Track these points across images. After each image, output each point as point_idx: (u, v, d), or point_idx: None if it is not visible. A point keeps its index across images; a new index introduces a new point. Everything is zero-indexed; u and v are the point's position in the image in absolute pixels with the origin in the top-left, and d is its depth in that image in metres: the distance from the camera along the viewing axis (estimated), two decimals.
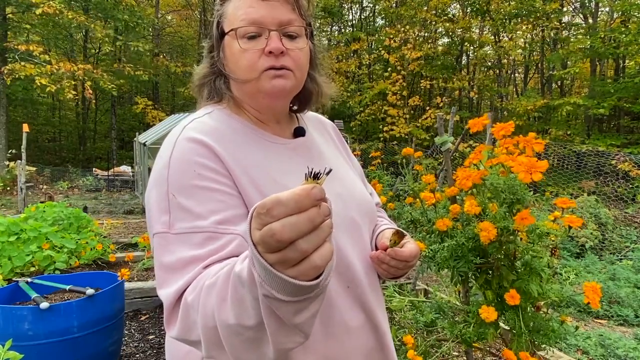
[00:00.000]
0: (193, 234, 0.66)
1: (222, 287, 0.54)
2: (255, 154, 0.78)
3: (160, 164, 0.73)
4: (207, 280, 0.58)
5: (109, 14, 15.68)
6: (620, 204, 8.29)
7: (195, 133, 0.75)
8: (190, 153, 0.72)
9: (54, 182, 13.59)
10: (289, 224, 0.41)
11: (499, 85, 17.15)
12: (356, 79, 19.52)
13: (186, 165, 0.71)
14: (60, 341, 2.22)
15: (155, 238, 0.69)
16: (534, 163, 1.03)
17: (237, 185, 0.73)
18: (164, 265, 0.66)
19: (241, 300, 0.51)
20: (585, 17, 16.20)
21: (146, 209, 0.74)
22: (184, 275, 0.63)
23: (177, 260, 0.65)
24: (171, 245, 0.66)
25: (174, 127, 0.80)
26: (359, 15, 21.09)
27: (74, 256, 3.91)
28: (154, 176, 0.73)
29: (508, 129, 1.16)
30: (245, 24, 0.76)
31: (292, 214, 0.42)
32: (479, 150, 1.28)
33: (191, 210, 0.67)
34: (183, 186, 0.69)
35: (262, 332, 0.51)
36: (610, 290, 4.27)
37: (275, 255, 0.43)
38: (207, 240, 0.65)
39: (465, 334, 1.43)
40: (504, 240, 1.34)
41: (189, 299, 0.60)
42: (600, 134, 14.18)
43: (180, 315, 0.62)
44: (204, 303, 0.57)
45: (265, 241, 0.42)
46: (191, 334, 0.61)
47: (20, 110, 20.16)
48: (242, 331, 0.52)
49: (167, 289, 0.64)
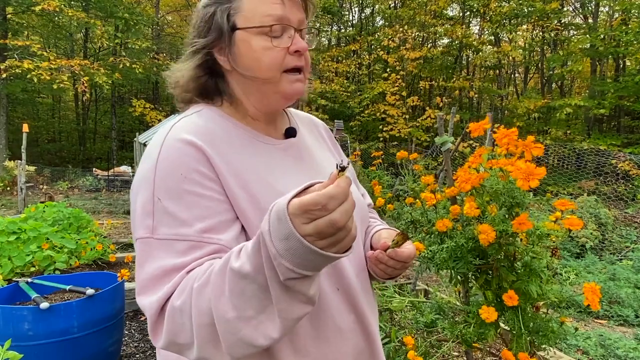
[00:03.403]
0: (177, 241, 0.65)
1: (218, 284, 0.57)
2: (247, 156, 0.76)
3: (147, 164, 0.70)
4: (195, 282, 0.60)
5: (108, 12, 15.69)
6: (620, 204, 8.29)
7: (185, 133, 0.72)
8: (178, 155, 0.69)
9: (54, 182, 13.59)
10: (344, 212, 0.50)
11: (499, 86, 17.15)
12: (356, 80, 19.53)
13: (174, 167, 0.68)
14: (60, 341, 2.22)
15: (138, 243, 0.67)
16: (532, 170, 1.02)
17: (226, 189, 0.71)
18: (146, 272, 0.65)
19: (241, 293, 0.56)
20: (585, 17, 16.20)
21: (131, 211, 0.72)
22: (168, 282, 0.63)
23: (159, 268, 0.64)
24: (154, 250, 0.65)
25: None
26: (359, 15, 21.10)
27: (74, 256, 3.90)
28: (140, 177, 0.71)
29: (512, 136, 1.15)
30: (272, 21, 0.74)
31: (343, 203, 0.50)
32: (479, 154, 1.28)
33: (176, 215, 0.66)
34: (169, 189, 0.67)
35: (260, 318, 0.57)
36: (611, 290, 4.27)
37: (327, 240, 0.51)
38: (190, 249, 0.65)
39: (465, 334, 1.43)
40: (503, 243, 1.34)
41: (177, 303, 0.60)
42: (601, 133, 14.19)
43: (167, 321, 0.61)
44: (197, 304, 0.58)
45: (323, 231, 0.50)
46: (179, 338, 0.61)
47: (20, 111, 20.17)
48: (241, 322, 0.57)
49: (150, 297, 0.63)
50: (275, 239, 0.52)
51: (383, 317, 2.09)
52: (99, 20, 15.33)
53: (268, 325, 0.57)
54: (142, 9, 18.33)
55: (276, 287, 0.55)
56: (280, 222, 0.51)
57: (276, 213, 0.52)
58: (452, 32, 15.99)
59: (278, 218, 0.52)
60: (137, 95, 22.52)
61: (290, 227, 0.51)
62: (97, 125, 23.12)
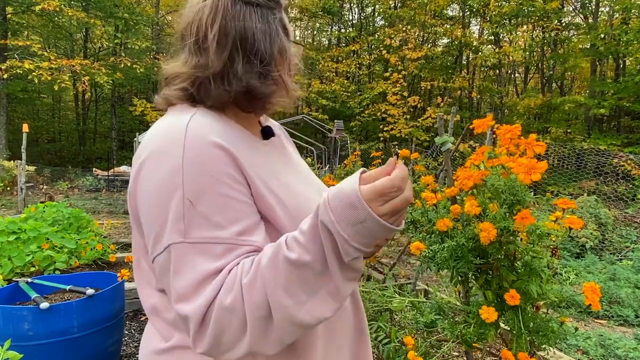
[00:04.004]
0: (213, 244, 0.64)
1: (271, 276, 0.61)
2: (257, 156, 0.76)
3: (168, 165, 0.66)
4: (243, 278, 0.62)
5: (108, 12, 15.69)
6: (620, 204, 8.30)
7: (209, 134, 0.69)
8: (208, 156, 0.67)
9: (54, 182, 13.60)
10: (411, 189, 0.62)
11: (499, 85, 17.15)
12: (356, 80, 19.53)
13: (203, 169, 0.66)
14: (60, 341, 2.22)
15: (172, 248, 0.64)
16: (534, 164, 1.03)
17: (253, 191, 0.70)
18: (186, 279, 0.63)
19: (297, 281, 0.61)
20: (586, 17, 16.20)
21: (147, 215, 0.68)
22: (210, 285, 0.62)
23: (200, 273, 0.63)
24: (190, 255, 0.63)
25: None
26: (359, 15, 21.09)
27: (74, 256, 3.90)
28: (161, 179, 0.66)
29: (515, 132, 1.15)
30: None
31: (408, 182, 0.62)
32: (481, 152, 1.28)
33: (210, 218, 0.64)
34: (201, 192, 0.65)
35: (313, 301, 0.62)
36: (611, 290, 4.27)
37: (396, 216, 0.61)
38: (227, 252, 0.64)
39: (465, 334, 1.43)
40: (504, 241, 1.34)
41: (227, 302, 0.61)
42: (601, 133, 14.19)
43: (214, 322, 0.61)
44: (250, 299, 0.61)
45: (397, 209, 0.60)
46: (223, 338, 0.62)
47: (20, 111, 20.17)
48: (297, 308, 0.61)
49: (193, 303, 0.62)
50: (344, 226, 0.58)
51: (383, 317, 2.09)
52: (99, 20, 15.33)
53: (319, 307, 0.62)
54: (142, 9, 18.34)
55: (337, 270, 0.61)
56: (355, 209, 0.58)
57: (345, 201, 0.59)
58: (452, 32, 16.00)
59: (351, 206, 0.58)
60: (137, 95, 22.51)
61: (368, 211, 0.58)
62: (97, 125, 23.12)
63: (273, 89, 0.77)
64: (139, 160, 0.70)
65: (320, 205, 0.61)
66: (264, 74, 0.75)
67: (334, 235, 0.59)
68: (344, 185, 0.61)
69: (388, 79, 15.66)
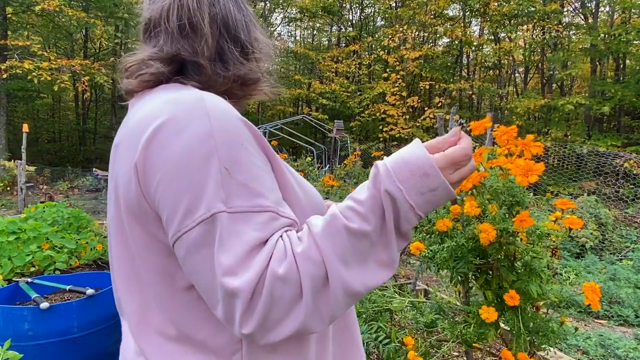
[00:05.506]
0: (257, 213, 0.59)
1: (329, 246, 0.59)
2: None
3: (197, 132, 0.60)
4: (296, 248, 0.59)
5: (108, 12, 15.69)
6: (621, 204, 8.30)
7: (229, 107, 0.65)
8: (236, 129, 0.63)
9: (54, 182, 13.60)
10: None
11: (499, 86, 17.15)
12: (356, 80, 19.53)
13: (234, 139, 0.61)
14: (60, 341, 2.22)
15: (217, 218, 0.57)
16: (531, 166, 1.03)
17: (275, 167, 0.68)
18: (233, 251, 0.57)
19: (353, 250, 0.60)
20: (586, 17, 16.20)
21: (169, 188, 0.59)
22: (258, 256, 0.57)
23: (247, 243, 0.57)
24: (235, 225, 0.58)
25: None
26: (359, 15, 21.09)
27: (74, 256, 3.90)
28: (187, 145, 0.59)
29: (511, 133, 1.16)
30: None
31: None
32: (479, 153, 1.28)
33: (249, 186, 0.60)
34: (236, 160, 0.60)
35: (365, 271, 0.62)
36: (611, 290, 4.27)
37: (459, 183, 0.66)
38: (271, 220, 0.60)
39: (465, 334, 1.43)
40: (503, 242, 1.34)
41: (280, 272, 0.56)
42: (601, 134, 14.18)
43: (265, 294, 0.56)
44: (305, 269, 0.57)
45: (464, 176, 0.65)
46: (272, 313, 0.57)
47: (20, 110, 20.17)
48: (353, 278, 0.61)
49: (242, 276, 0.56)
50: (413, 195, 0.60)
51: (383, 317, 2.09)
52: (99, 20, 15.33)
53: (373, 276, 0.63)
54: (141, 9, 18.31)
55: (394, 239, 0.62)
56: (428, 177, 0.60)
57: (416, 171, 0.60)
58: (452, 32, 16.00)
59: (424, 174, 0.60)
60: None
61: (442, 179, 0.60)
62: (97, 125, 23.10)
63: (258, 76, 0.79)
64: (143, 135, 0.62)
65: (380, 175, 0.61)
66: (248, 60, 0.77)
67: (397, 205, 0.60)
68: (407, 155, 0.62)
69: (387, 79, 15.67)
